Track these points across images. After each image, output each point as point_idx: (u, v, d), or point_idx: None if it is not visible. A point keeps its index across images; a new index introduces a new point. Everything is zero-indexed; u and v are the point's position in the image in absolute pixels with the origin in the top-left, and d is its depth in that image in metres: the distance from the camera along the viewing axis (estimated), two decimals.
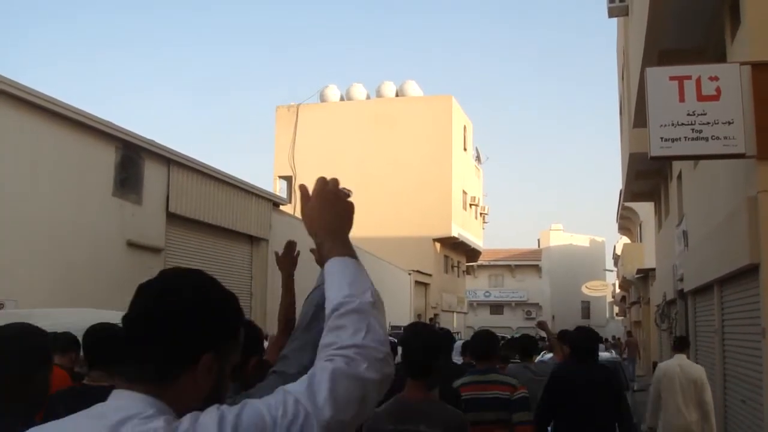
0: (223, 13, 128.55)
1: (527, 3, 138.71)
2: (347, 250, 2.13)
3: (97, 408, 1.64)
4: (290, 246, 4.06)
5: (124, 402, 1.62)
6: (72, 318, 11.13)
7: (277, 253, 4.12)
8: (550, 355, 8.97)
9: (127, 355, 1.69)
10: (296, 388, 1.63)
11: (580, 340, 7.19)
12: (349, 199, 2.32)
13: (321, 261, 2.09)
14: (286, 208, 28.14)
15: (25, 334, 2.94)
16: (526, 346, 8.84)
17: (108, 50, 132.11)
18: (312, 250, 2.38)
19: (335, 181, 2.24)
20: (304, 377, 1.66)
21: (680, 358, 10.16)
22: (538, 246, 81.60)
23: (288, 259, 4.07)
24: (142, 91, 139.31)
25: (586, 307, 78.19)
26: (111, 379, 4.20)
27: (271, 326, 21.53)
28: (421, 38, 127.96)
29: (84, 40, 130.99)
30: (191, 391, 1.68)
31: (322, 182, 2.13)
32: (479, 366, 6.14)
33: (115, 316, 11.41)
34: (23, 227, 13.53)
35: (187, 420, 1.54)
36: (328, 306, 1.84)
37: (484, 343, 6.27)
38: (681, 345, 10.56)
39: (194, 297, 1.71)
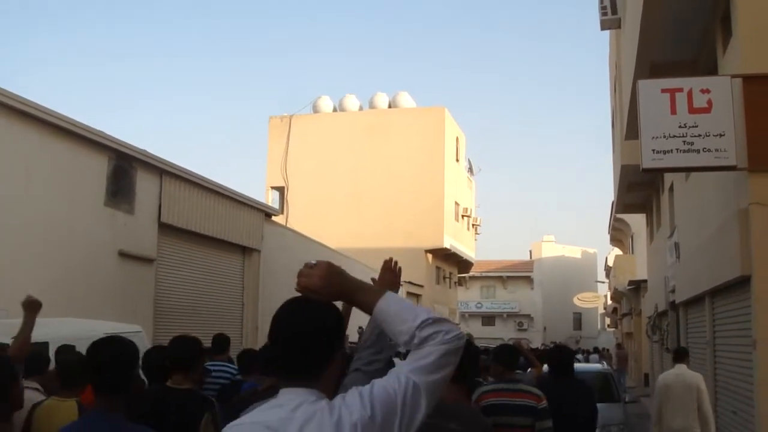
0: (216, 24, 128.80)
1: (520, 16, 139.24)
2: (382, 290, 2.73)
3: (273, 402, 2.44)
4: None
5: (293, 395, 2.39)
6: (63, 328, 11.11)
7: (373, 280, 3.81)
8: (529, 369, 9.29)
9: (287, 361, 2.42)
10: (403, 368, 2.40)
11: (558, 356, 7.86)
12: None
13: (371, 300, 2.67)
14: (278, 219, 28.13)
15: None
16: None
17: (100, 59, 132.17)
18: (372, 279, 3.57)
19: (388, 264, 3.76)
20: (408, 360, 2.42)
21: (680, 368, 10.43)
22: (530, 257, 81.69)
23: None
24: (134, 101, 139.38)
25: (577, 319, 78.33)
26: (188, 383, 5.16)
27: (262, 339, 21.47)
28: (414, 50, 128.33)
29: (76, 50, 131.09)
30: (331, 380, 2.48)
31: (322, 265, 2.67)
32: (506, 376, 6.69)
33: (107, 326, 11.44)
34: (14, 236, 13.49)
35: (338, 399, 2.35)
36: (408, 324, 2.46)
37: (510, 355, 6.95)
38: (680, 355, 10.83)
39: (326, 315, 2.46)
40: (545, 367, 8.82)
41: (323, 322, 2.43)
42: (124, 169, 16.62)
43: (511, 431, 6.04)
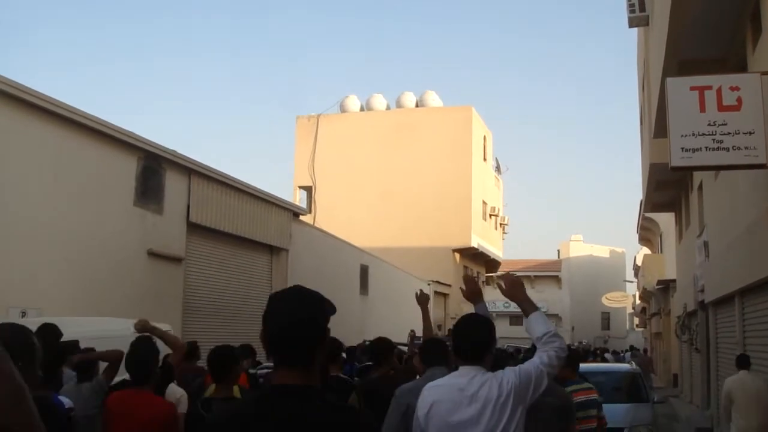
0: (244, 24, 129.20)
1: (547, 14, 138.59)
2: (535, 308, 4.71)
3: (456, 373, 4.28)
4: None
5: (470, 369, 4.19)
6: (94, 326, 11.22)
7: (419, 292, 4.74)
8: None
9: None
10: (536, 360, 4.24)
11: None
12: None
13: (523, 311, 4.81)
14: (306, 218, 28.21)
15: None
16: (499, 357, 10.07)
17: (130, 59, 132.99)
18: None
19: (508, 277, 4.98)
20: (537, 356, 4.28)
21: (743, 374, 10.79)
22: (558, 257, 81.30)
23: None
24: (162, 101, 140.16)
25: (606, 319, 77.88)
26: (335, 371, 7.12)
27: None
28: (441, 49, 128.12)
29: (105, 49, 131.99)
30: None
31: (508, 278, 4.86)
32: (574, 377, 7.61)
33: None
34: (46, 237, 13.64)
35: (501, 372, 4.14)
36: (539, 333, 4.42)
37: (575, 359, 7.92)
38: (743, 362, 11.16)
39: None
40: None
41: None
42: (153, 169, 16.74)
43: (589, 422, 7.20)
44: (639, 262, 49.09)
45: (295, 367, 2.70)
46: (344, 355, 10.86)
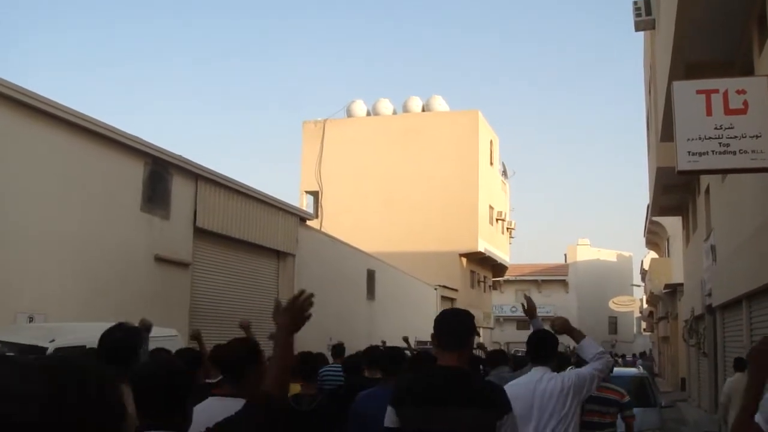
0: (250, 28, 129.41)
1: (552, 18, 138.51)
2: (583, 335, 6.09)
3: (529, 374, 5.98)
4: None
5: (539, 370, 5.92)
6: (100, 332, 11.23)
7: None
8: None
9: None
10: (589, 367, 5.87)
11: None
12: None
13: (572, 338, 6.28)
14: (312, 223, 28.22)
15: None
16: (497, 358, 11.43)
17: (136, 64, 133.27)
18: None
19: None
20: (590, 365, 5.91)
21: (740, 375, 11.60)
22: (565, 261, 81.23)
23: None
24: (169, 106, 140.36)
25: (613, 323, 77.76)
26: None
27: (296, 343, 21.54)
28: (448, 53, 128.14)
29: (111, 54, 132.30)
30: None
31: (556, 321, 6.34)
32: None
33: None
34: (52, 242, 13.66)
35: (563, 373, 6.08)
36: (591, 354, 5.96)
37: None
38: (739, 365, 12.08)
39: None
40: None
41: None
42: (160, 174, 16.76)
43: (601, 417, 7.78)
44: (646, 266, 49.01)
45: (455, 353, 4.33)
46: None
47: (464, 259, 45.75)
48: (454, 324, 4.48)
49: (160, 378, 3.18)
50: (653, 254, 48.62)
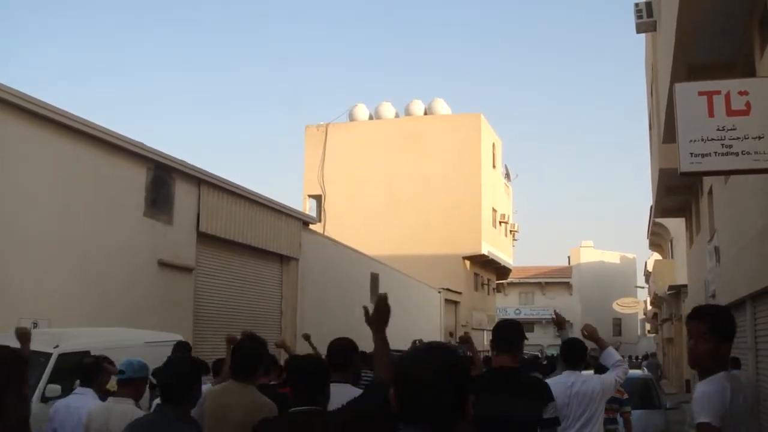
0: (252, 33, 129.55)
1: (554, 20, 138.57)
2: (607, 344, 7.19)
3: (563, 375, 7.11)
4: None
5: (573, 374, 7.03)
6: (104, 337, 11.25)
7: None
8: None
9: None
10: (612, 374, 7.06)
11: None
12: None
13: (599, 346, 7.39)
14: (315, 227, 28.23)
15: None
16: (530, 364, 12.29)
17: (138, 70, 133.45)
18: None
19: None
20: (611, 371, 7.08)
21: (734, 372, 11.92)
22: (569, 263, 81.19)
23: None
24: (171, 111, 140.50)
25: (617, 325, 77.69)
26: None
27: (300, 347, 21.54)
28: (450, 56, 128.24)
29: (115, 61, 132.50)
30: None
31: (587, 328, 7.43)
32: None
33: (147, 335, 11.60)
34: (56, 247, 13.69)
35: (595, 376, 7.48)
36: (612, 361, 7.12)
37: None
38: (733, 363, 11.89)
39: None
40: None
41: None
42: (163, 179, 16.79)
43: (605, 413, 8.02)
44: (650, 268, 48.99)
45: (506, 354, 5.47)
46: None
47: (468, 262, 45.77)
48: (505, 331, 5.65)
49: (308, 368, 4.72)
50: (657, 256, 48.58)
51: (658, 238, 44.18)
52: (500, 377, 5.41)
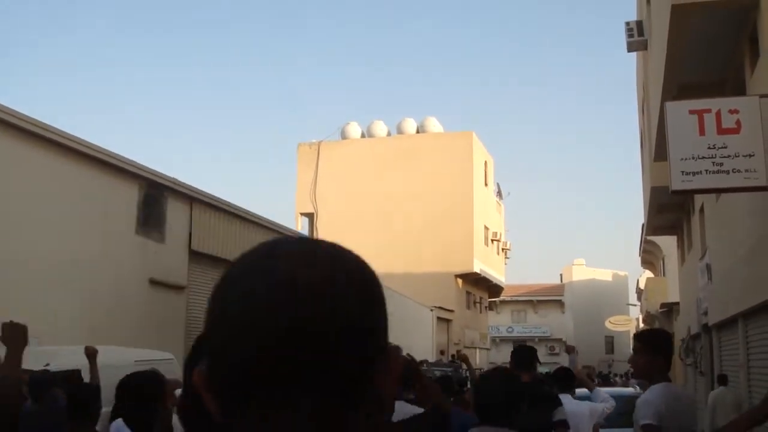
0: (244, 51, 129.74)
1: (547, 40, 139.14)
2: (595, 386, 9.06)
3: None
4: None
5: (564, 395, 7.40)
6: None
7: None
8: None
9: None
10: (601, 405, 7.86)
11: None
12: None
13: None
14: None
15: None
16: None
17: (130, 89, 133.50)
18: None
19: None
20: (602, 404, 7.99)
21: (723, 389, 14.16)
22: (561, 281, 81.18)
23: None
24: (163, 129, 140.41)
25: (609, 342, 77.66)
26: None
27: None
28: (442, 75, 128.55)
29: (106, 80, 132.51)
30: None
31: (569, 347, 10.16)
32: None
33: (138, 354, 11.52)
34: (47, 265, 13.64)
35: (589, 403, 8.04)
36: (601, 398, 8.16)
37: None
38: (722, 380, 14.82)
39: None
40: None
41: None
42: (155, 197, 16.77)
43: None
44: (642, 286, 49.03)
45: (525, 372, 6.36)
46: None
47: (460, 280, 45.73)
48: (523, 354, 7.14)
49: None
50: (649, 273, 48.63)
51: (650, 256, 44.23)
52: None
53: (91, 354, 6.91)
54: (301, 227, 43.94)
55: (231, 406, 0.97)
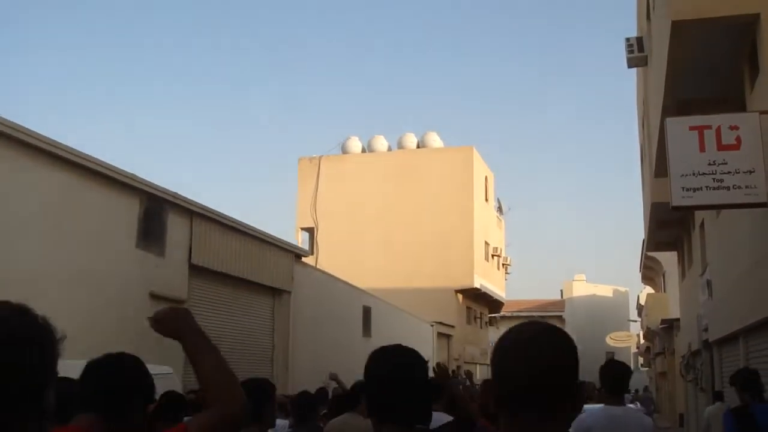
0: (245, 65, 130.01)
1: (548, 55, 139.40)
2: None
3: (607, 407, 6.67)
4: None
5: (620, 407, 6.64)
6: None
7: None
8: None
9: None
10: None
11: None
12: None
13: None
14: (308, 260, 28.18)
15: None
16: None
17: (130, 102, 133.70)
18: None
19: None
20: None
21: (719, 404, 12.88)
22: (561, 296, 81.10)
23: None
24: (164, 143, 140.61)
25: (610, 359, 77.53)
26: None
27: (292, 380, 21.45)
28: (442, 90, 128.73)
29: (106, 94, 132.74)
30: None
31: None
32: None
33: None
34: (46, 278, 13.62)
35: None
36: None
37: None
38: (718, 396, 13.76)
39: None
40: None
41: None
42: (155, 211, 16.76)
43: None
44: (642, 302, 48.97)
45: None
46: None
47: (460, 296, 45.73)
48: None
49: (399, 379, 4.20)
50: (649, 289, 48.61)
51: (650, 272, 44.22)
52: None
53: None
54: (301, 242, 43.93)
55: (501, 405, 2.02)
